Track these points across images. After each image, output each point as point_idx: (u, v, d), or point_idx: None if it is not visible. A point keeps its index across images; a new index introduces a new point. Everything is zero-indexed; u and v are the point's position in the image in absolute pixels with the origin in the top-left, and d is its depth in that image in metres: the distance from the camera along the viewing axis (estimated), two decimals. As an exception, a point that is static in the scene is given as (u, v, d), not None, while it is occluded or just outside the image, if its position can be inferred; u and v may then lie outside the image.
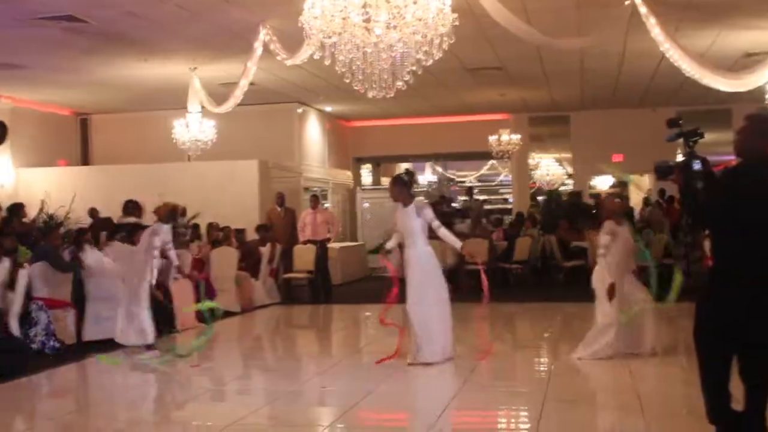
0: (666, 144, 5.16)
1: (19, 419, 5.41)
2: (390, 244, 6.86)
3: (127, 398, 6.17)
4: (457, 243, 6.86)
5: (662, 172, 4.21)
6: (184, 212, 11.43)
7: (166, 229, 7.61)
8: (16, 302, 7.19)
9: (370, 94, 7.53)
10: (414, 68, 7.55)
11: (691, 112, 15.72)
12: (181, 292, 9.01)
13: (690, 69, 9.02)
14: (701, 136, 4.23)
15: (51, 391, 6.59)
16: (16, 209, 10.49)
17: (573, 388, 5.96)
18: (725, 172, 4.05)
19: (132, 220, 9.89)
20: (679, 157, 4.29)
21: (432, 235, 6.78)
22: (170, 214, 7.77)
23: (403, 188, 6.74)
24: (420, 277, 6.55)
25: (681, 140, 4.20)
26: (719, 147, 10.33)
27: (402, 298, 6.61)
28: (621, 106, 16.62)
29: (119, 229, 9.42)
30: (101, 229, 10.28)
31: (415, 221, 6.59)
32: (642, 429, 4.61)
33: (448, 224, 13.90)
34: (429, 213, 6.67)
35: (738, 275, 3.85)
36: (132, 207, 11.50)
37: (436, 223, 6.72)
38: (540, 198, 19.92)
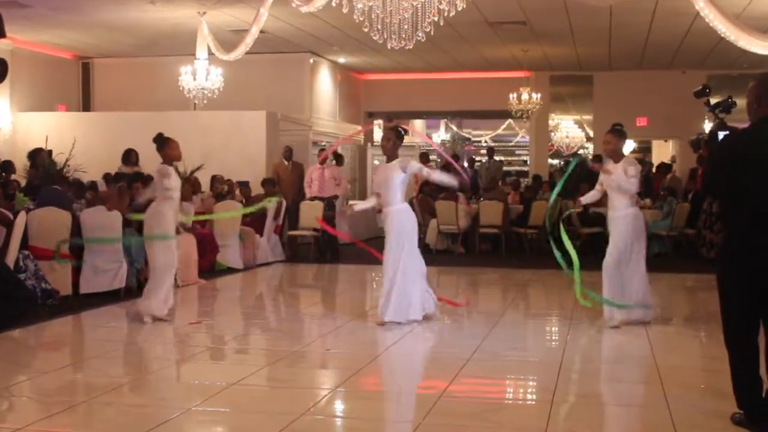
0: (693, 109, 5.84)
1: (12, 372, 5.18)
2: (359, 206, 7.06)
3: (124, 354, 5.94)
4: (453, 182, 6.92)
5: (694, 145, 4.68)
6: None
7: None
8: (12, 248, 6.94)
9: (388, 45, 7.20)
10: (435, 19, 7.18)
11: (722, 77, 15.16)
12: (183, 247, 8.74)
13: (725, 30, 8.58)
14: (733, 105, 4.34)
15: (45, 343, 6.35)
16: (34, 154, 10.25)
17: (589, 358, 5.77)
18: (731, 137, 3.95)
19: (134, 170, 9.60)
20: (708, 127, 4.47)
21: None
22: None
23: (398, 141, 6.53)
24: (396, 235, 6.44)
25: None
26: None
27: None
28: (648, 67, 16.00)
29: (118, 178, 9.12)
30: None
31: (397, 176, 6.39)
32: (661, 401, 4.39)
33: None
34: (415, 164, 6.59)
35: (751, 243, 3.67)
36: (134, 156, 11.20)
37: (426, 170, 6.73)
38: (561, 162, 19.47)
